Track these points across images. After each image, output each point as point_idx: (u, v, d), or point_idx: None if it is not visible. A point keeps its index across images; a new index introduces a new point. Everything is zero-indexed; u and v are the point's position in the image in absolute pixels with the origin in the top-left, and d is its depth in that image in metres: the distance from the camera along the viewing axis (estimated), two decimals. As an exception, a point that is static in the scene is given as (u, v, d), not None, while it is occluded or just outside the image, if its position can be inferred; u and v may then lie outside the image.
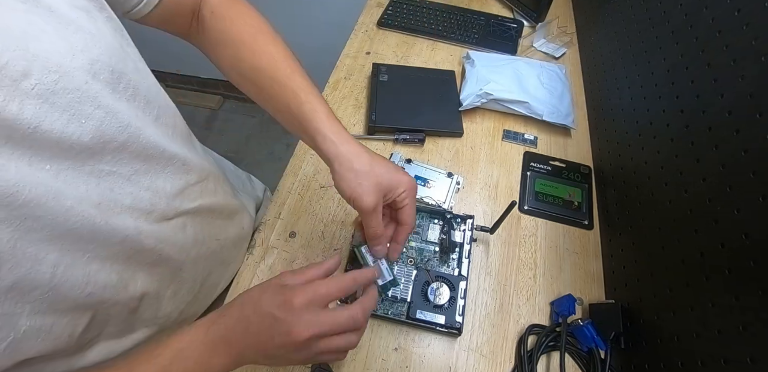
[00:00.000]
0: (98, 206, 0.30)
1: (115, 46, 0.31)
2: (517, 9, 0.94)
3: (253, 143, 1.79)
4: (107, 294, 0.32)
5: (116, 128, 0.30)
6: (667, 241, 0.47)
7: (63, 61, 0.26)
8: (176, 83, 1.91)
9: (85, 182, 0.29)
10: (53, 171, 0.27)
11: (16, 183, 0.24)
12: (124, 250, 0.33)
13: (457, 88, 0.77)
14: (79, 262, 0.29)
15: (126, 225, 0.32)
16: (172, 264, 0.40)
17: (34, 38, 0.25)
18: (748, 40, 0.40)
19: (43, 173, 0.26)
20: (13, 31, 0.24)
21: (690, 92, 0.48)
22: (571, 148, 0.72)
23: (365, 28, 0.88)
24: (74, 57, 0.27)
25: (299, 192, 0.62)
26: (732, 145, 0.40)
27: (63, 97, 0.26)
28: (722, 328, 0.36)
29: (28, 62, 0.24)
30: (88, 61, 0.28)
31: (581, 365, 0.50)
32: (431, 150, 0.69)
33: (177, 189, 0.38)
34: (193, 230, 0.42)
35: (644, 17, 0.63)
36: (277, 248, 0.57)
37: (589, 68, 0.82)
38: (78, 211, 0.28)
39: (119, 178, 0.32)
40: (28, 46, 0.24)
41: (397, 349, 0.50)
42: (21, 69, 0.24)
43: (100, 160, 0.30)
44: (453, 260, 0.56)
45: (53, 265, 0.27)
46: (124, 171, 0.32)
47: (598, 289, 0.58)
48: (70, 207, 0.27)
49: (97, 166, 0.30)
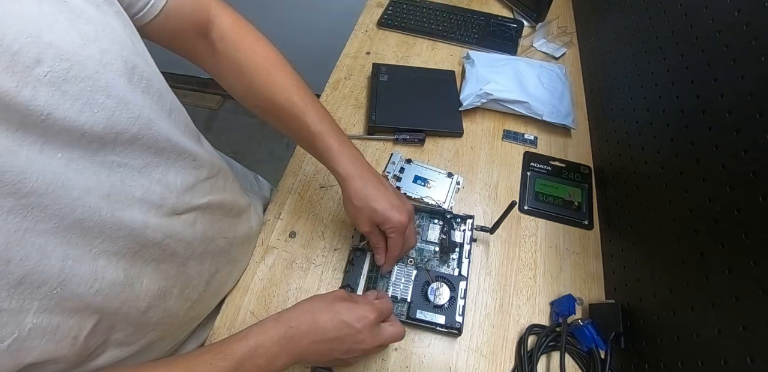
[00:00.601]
0: (107, 198, 0.30)
1: (125, 39, 0.31)
2: (517, 9, 0.94)
3: (253, 143, 1.79)
4: (114, 292, 0.32)
5: (128, 119, 0.30)
6: (667, 241, 0.47)
7: (75, 50, 0.26)
8: (176, 83, 1.91)
9: (95, 173, 0.29)
10: (64, 160, 0.27)
11: (23, 170, 0.24)
12: (129, 244, 0.33)
13: (457, 88, 0.77)
14: (86, 256, 0.29)
15: (133, 218, 0.32)
16: (177, 260, 0.40)
17: (48, 27, 0.25)
18: (748, 40, 0.40)
19: (54, 161, 0.26)
20: (27, 19, 0.24)
21: (690, 92, 0.48)
22: (571, 148, 0.72)
23: (365, 28, 0.88)
24: (85, 46, 0.27)
25: (299, 192, 0.62)
26: (732, 145, 0.39)
27: (75, 86, 0.26)
28: (722, 328, 0.36)
29: (41, 49, 0.24)
30: (98, 51, 0.28)
31: (581, 365, 0.50)
32: (431, 150, 0.69)
33: (188, 184, 0.39)
34: (202, 227, 0.42)
35: (644, 17, 0.63)
36: (277, 248, 0.57)
37: (589, 68, 0.82)
38: (85, 202, 0.28)
39: (131, 170, 0.32)
40: (41, 34, 0.25)
41: (397, 349, 0.50)
42: (33, 56, 0.24)
43: (112, 151, 0.30)
44: (453, 260, 0.56)
45: (62, 259, 0.27)
46: (135, 163, 0.32)
47: (598, 289, 0.58)
48: (77, 197, 0.27)
49: (108, 157, 0.30)
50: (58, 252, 0.27)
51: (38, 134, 0.25)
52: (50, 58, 0.25)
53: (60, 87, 0.25)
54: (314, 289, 0.54)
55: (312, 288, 0.54)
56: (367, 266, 0.54)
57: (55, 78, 0.25)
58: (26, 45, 0.24)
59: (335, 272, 0.55)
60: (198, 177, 0.40)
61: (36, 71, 0.24)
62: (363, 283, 0.53)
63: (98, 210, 0.29)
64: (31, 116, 0.24)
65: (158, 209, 0.35)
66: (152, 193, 0.34)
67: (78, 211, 0.27)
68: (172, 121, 0.36)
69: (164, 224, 0.36)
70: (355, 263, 0.54)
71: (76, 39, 0.27)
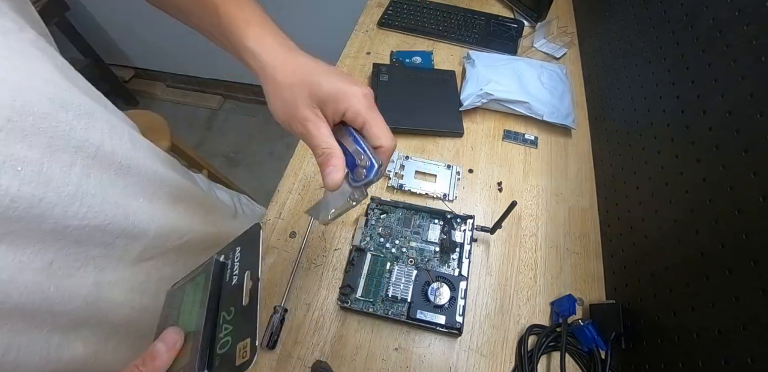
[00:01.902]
0: (45, 271, 0.25)
1: (42, 76, 0.25)
2: (518, 9, 0.94)
3: (253, 143, 1.79)
4: (73, 368, 0.28)
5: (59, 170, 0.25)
6: (667, 241, 0.47)
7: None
8: (176, 83, 1.91)
9: (23, 247, 0.24)
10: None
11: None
12: (87, 312, 0.28)
13: (458, 88, 0.77)
14: (37, 339, 0.25)
15: (82, 283, 0.27)
16: (150, 313, 0.34)
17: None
18: (748, 40, 0.40)
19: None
20: None
21: (690, 92, 0.48)
22: (571, 148, 0.72)
23: (365, 28, 0.88)
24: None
25: (299, 192, 0.62)
26: (732, 146, 0.40)
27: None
28: (722, 328, 0.36)
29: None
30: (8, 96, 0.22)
31: (582, 365, 0.50)
32: (431, 150, 0.69)
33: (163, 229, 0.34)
34: (172, 269, 0.37)
35: (645, 17, 0.63)
36: (277, 248, 0.57)
37: (589, 68, 0.82)
38: (19, 283, 0.23)
39: (68, 238, 0.26)
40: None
41: (397, 349, 0.50)
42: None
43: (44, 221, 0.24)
44: (453, 260, 0.56)
45: (2, 352, 0.23)
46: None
47: (598, 290, 0.58)
48: (10, 279, 0.23)
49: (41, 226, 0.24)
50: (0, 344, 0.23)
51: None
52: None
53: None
54: (314, 289, 0.54)
55: (312, 288, 0.54)
56: (367, 266, 0.54)
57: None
58: None
59: (335, 272, 0.56)
60: None
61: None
62: (363, 283, 0.53)
63: (38, 286, 0.24)
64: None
65: (119, 261, 0.30)
66: (111, 247, 0.29)
67: (14, 294, 0.23)
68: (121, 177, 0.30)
69: (121, 278, 0.31)
70: (355, 263, 0.54)
71: None
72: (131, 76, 1.89)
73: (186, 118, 1.87)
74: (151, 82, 1.94)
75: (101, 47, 1.69)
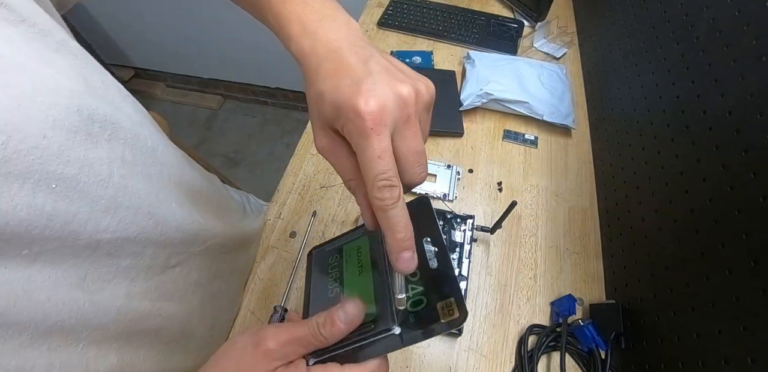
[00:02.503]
0: (81, 285, 0.25)
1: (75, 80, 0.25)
2: (517, 9, 0.94)
3: (253, 143, 1.79)
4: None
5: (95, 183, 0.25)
6: (667, 241, 0.47)
7: (7, 116, 0.20)
8: (176, 83, 1.91)
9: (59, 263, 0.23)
10: (23, 262, 0.21)
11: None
12: (120, 324, 0.28)
13: (458, 88, 0.77)
14: (74, 355, 0.25)
15: (115, 295, 0.27)
16: (177, 319, 0.34)
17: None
18: (748, 40, 0.40)
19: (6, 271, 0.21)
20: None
21: (690, 92, 0.48)
22: (571, 148, 0.72)
23: (366, 28, 0.88)
24: (20, 107, 0.20)
25: (299, 192, 0.62)
26: (732, 146, 0.39)
27: (19, 163, 0.20)
28: (722, 328, 0.36)
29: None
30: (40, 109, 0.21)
31: (582, 365, 0.50)
32: (431, 150, 0.69)
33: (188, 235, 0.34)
34: (197, 274, 0.37)
35: (645, 17, 0.63)
36: (277, 248, 0.57)
37: (589, 68, 0.82)
38: (56, 301, 0.23)
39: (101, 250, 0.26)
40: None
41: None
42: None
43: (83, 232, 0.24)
44: (453, 260, 0.56)
45: (46, 370, 0.23)
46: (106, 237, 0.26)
47: (598, 289, 0.58)
48: (47, 299, 0.22)
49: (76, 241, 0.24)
50: (40, 365, 0.22)
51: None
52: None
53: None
54: (314, 289, 0.54)
55: (312, 288, 0.54)
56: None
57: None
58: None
59: (335, 272, 0.56)
60: None
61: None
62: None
63: (74, 302, 0.24)
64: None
65: (147, 272, 0.30)
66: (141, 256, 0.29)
67: (52, 313, 0.23)
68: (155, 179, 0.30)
69: (150, 287, 0.31)
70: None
71: (5, 101, 0.20)
72: (131, 76, 1.89)
73: (186, 118, 1.87)
74: (151, 82, 1.94)
75: (101, 47, 1.69)
